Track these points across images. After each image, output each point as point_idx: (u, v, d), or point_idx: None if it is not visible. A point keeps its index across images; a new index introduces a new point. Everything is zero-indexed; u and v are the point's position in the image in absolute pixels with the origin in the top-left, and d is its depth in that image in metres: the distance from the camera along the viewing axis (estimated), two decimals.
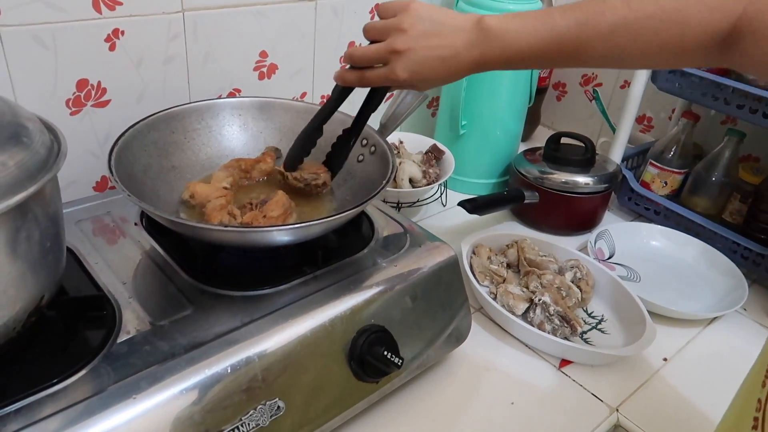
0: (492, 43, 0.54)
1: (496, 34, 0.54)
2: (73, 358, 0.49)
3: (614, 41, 0.51)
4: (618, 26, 0.50)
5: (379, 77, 0.58)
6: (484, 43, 0.55)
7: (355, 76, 0.60)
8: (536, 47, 0.53)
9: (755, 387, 0.36)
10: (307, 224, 0.57)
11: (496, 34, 0.54)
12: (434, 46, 0.55)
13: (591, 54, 0.52)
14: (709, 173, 0.97)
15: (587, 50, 0.52)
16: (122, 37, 0.73)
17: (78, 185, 0.78)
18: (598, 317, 0.81)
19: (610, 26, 0.51)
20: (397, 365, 0.58)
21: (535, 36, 0.53)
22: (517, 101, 1.03)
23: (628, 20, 0.50)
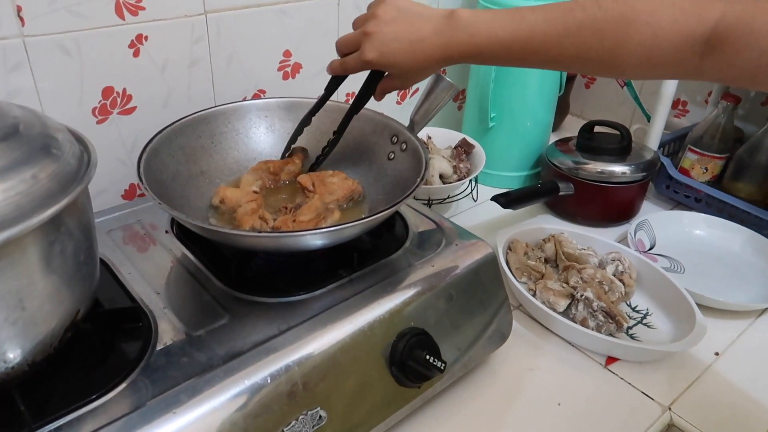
0: (459, 31, 0.55)
1: (465, 23, 0.55)
2: (111, 373, 0.49)
3: (582, 39, 0.50)
4: (586, 24, 0.50)
5: (354, 60, 0.61)
6: (451, 31, 0.56)
7: (338, 63, 0.64)
8: (504, 40, 0.54)
9: None
10: (341, 227, 0.55)
11: (465, 23, 0.55)
12: (402, 30, 0.57)
13: (559, 52, 0.52)
14: (752, 157, 0.93)
15: (555, 47, 0.52)
16: (146, 42, 0.72)
17: (107, 194, 0.77)
18: (643, 311, 0.78)
19: (578, 23, 0.50)
20: (440, 369, 0.56)
21: (503, 28, 0.54)
22: (546, 90, 1.00)
23: (597, 19, 0.49)
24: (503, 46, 0.54)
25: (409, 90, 1.05)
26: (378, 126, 0.74)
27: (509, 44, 0.54)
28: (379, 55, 0.58)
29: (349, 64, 0.62)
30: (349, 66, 0.62)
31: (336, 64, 0.64)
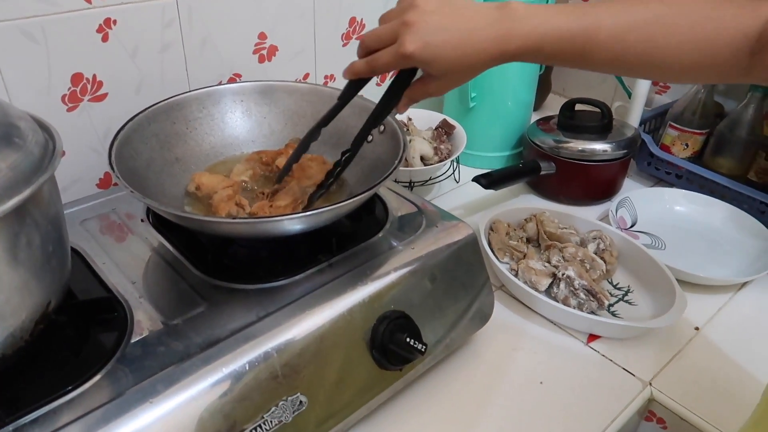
0: (517, 22, 0.49)
1: (522, 14, 0.49)
2: (86, 364, 0.48)
3: (648, 35, 0.48)
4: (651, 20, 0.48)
5: (388, 54, 0.52)
6: (509, 22, 0.49)
7: (364, 62, 0.54)
8: (567, 33, 0.49)
9: None
10: (318, 211, 0.54)
11: (523, 14, 0.49)
12: (450, 20, 0.50)
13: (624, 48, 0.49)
14: (732, 132, 0.93)
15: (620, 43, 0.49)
16: (115, 26, 0.70)
17: (81, 183, 0.75)
18: (624, 288, 0.78)
19: (644, 19, 0.48)
20: (420, 351, 0.56)
21: (566, 21, 0.49)
22: (527, 69, 0.99)
23: (662, 14, 0.47)
24: (567, 40, 0.49)
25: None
26: (356, 109, 0.72)
27: (573, 38, 0.49)
28: (422, 46, 0.49)
29: (381, 61, 0.52)
30: (381, 63, 0.52)
31: (361, 65, 0.54)
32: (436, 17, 0.49)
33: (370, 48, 0.53)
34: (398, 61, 0.51)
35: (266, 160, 0.69)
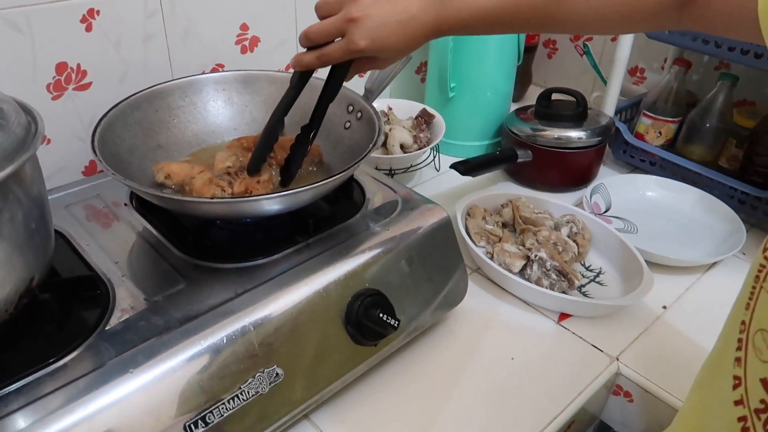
0: (449, 6, 0.55)
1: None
2: (69, 337, 0.50)
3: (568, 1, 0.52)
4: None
5: (339, 50, 0.56)
6: (440, 6, 0.55)
7: (314, 55, 0.57)
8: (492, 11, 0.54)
9: (740, 310, 0.37)
10: (296, 191, 0.56)
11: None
12: (389, 11, 0.54)
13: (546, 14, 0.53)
14: (703, 120, 0.96)
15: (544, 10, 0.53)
16: (98, 17, 0.72)
17: (67, 171, 0.77)
18: (596, 270, 0.81)
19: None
20: (393, 327, 0.58)
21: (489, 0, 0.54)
22: (505, 60, 1.01)
23: None
24: (492, 17, 0.54)
25: None
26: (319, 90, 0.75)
27: (498, 14, 0.54)
28: (370, 41, 0.54)
29: (333, 55, 0.56)
30: (333, 57, 0.57)
31: (311, 58, 0.58)
32: (376, 10, 0.54)
33: (316, 42, 0.57)
34: (350, 54, 0.56)
35: (247, 145, 0.71)
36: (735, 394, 0.36)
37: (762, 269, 0.35)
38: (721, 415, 0.37)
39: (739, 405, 0.35)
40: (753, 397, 0.34)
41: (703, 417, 0.40)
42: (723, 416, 0.37)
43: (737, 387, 0.36)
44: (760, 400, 0.33)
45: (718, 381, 0.38)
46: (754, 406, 0.34)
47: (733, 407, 0.36)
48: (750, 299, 0.36)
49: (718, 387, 0.38)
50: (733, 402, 0.36)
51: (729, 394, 0.36)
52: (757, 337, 0.35)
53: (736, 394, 0.36)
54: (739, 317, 0.37)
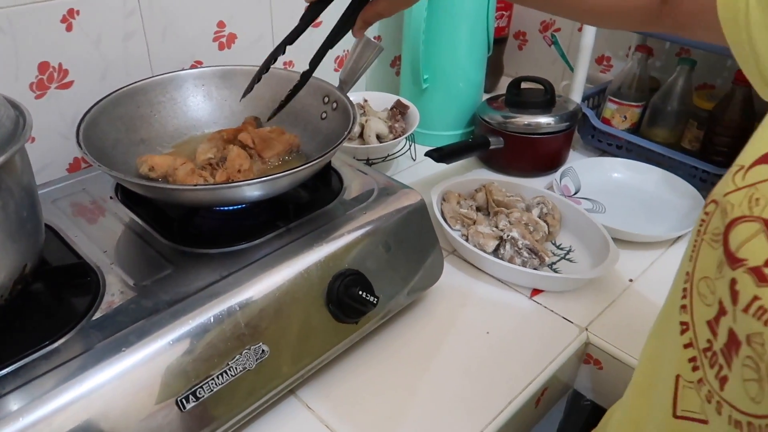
0: None
1: None
2: (61, 322, 0.52)
3: None
4: None
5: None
6: None
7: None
8: None
9: (685, 263, 0.40)
10: (275, 177, 0.59)
11: None
12: None
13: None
14: (665, 104, 1.01)
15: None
16: (78, 16, 0.74)
17: (52, 168, 0.79)
18: (566, 248, 0.85)
19: None
20: (373, 304, 0.61)
21: None
22: (476, 51, 1.05)
23: None
24: None
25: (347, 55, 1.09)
26: (311, 88, 0.77)
27: None
28: None
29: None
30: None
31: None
32: None
33: None
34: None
35: (227, 137, 0.74)
36: (684, 338, 0.39)
37: (702, 223, 0.39)
38: (671, 359, 0.41)
39: (689, 348, 0.39)
40: (701, 338, 0.38)
41: (657, 364, 0.44)
42: (673, 360, 0.40)
43: (685, 332, 0.39)
44: (706, 340, 0.37)
45: (668, 329, 0.42)
46: (702, 346, 0.37)
47: (682, 350, 0.39)
48: (693, 251, 0.40)
49: (669, 334, 0.41)
50: (683, 345, 0.39)
51: (677, 339, 0.40)
52: (701, 285, 0.39)
53: (685, 338, 0.39)
54: (684, 269, 0.40)
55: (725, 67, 1.05)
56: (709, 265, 0.38)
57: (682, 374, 0.40)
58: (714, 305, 0.37)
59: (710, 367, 0.37)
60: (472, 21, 1.01)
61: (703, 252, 0.39)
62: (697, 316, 0.39)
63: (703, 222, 0.39)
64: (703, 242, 0.39)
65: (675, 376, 0.40)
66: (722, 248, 0.36)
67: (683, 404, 0.39)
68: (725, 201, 0.37)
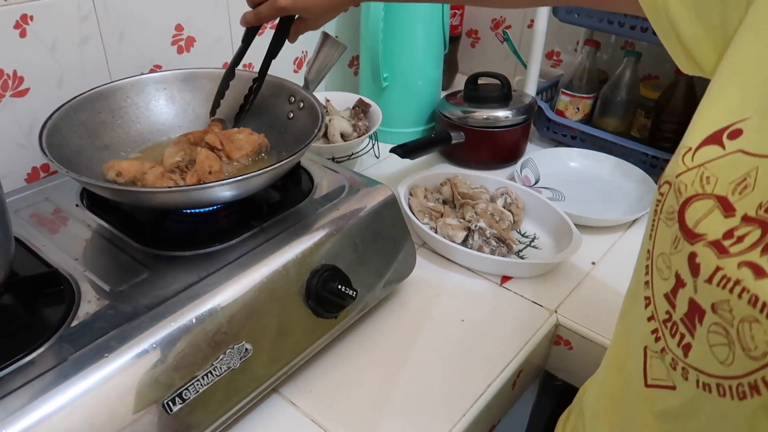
0: None
1: None
2: (36, 333, 0.51)
3: None
4: None
5: (267, 9, 0.66)
6: None
7: (251, 14, 0.68)
8: None
9: (645, 242, 0.43)
10: (247, 176, 0.59)
11: None
12: None
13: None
14: (614, 94, 1.05)
15: None
16: (32, 22, 0.72)
17: (9, 178, 0.77)
18: (531, 236, 0.88)
19: None
20: (352, 297, 0.62)
21: None
22: (432, 49, 1.07)
23: None
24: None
25: (305, 57, 1.09)
26: (275, 88, 0.78)
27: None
28: (292, 1, 0.64)
29: (264, 13, 0.66)
30: (264, 15, 0.66)
31: (250, 16, 0.68)
32: None
33: (253, 2, 0.68)
34: (277, 12, 0.66)
35: (194, 140, 0.73)
36: (647, 312, 0.42)
37: (658, 203, 0.42)
38: (638, 333, 0.43)
39: (651, 320, 0.41)
40: (660, 310, 0.40)
41: (626, 339, 0.47)
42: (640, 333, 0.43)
43: (648, 306, 0.42)
44: (665, 311, 0.40)
45: (634, 306, 0.44)
46: (662, 318, 0.40)
47: (646, 323, 0.42)
48: (651, 230, 0.42)
49: (635, 310, 0.44)
50: (646, 318, 0.42)
51: (642, 313, 0.42)
52: (659, 261, 0.41)
53: (648, 312, 0.42)
54: (645, 248, 0.43)
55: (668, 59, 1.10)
56: (666, 241, 0.40)
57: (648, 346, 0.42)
58: (671, 279, 0.40)
59: (671, 336, 0.40)
60: (428, 20, 1.03)
61: (660, 230, 0.41)
62: (657, 289, 0.41)
63: (658, 202, 0.42)
64: (659, 221, 0.41)
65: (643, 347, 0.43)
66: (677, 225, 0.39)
67: (652, 373, 0.42)
68: (678, 181, 0.40)
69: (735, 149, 0.38)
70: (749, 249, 0.35)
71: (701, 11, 0.47)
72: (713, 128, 0.40)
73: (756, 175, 0.37)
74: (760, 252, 0.35)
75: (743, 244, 0.35)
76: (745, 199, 0.36)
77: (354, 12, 1.15)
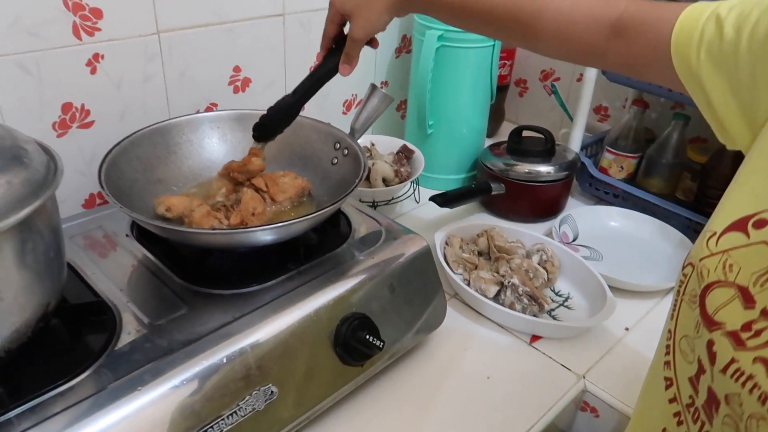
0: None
1: None
2: (79, 359, 0.54)
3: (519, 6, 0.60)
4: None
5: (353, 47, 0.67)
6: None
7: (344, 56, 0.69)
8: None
9: (668, 319, 0.43)
10: (288, 223, 0.62)
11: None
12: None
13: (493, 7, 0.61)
14: (660, 155, 1.04)
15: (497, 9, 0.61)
16: (102, 60, 0.77)
17: (68, 204, 0.81)
18: (564, 295, 0.87)
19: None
20: (378, 347, 0.63)
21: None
22: (479, 99, 1.09)
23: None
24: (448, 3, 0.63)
25: (354, 100, 1.13)
26: (322, 134, 0.81)
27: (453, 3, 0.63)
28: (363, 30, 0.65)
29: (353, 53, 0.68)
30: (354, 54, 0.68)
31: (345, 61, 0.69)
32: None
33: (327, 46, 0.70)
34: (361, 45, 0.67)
35: (236, 167, 0.75)
36: (668, 393, 0.42)
37: (681, 284, 0.42)
38: (659, 413, 0.43)
39: (674, 402, 0.41)
40: (684, 394, 0.40)
41: (646, 417, 0.46)
42: (661, 413, 0.43)
43: (669, 387, 0.42)
44: (689, 396, 0.39)
45: (655, 385, 0.44)
46: (685, 402, 0.40)
47: (667, 405, 0.41)
48: (674, 310, 0.42)
49: (656, 390, 0.44)
50: (668, 400, 0.41)
51: (663, 394, 0.42)
52: (683, 342, 0.41)
53: (670, 393, 0.41)
54: (667, 327, 0.43)
55: None
56: (689, 323, 0.40)
57: (668, 428, 0.42)
58: (694, 363, 0.39)
59: (693, 422, 0.39)
60: (477, 71, 1.05)
61: (683, 311, 0.41)
62: (680, 372, 0.41)
63: (681, 282, 0.42)
64: (682, 302, 0.41)
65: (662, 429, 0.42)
66: (699, 310, 0.39)
67: None
68: (701, 265, 0.40)
69: (760, 240, 0.38)
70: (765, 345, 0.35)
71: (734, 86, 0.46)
72: (739, 214, 0.40)
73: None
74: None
75: (760, 338, 0.35)
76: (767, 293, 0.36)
77: (405, 58, 1.19)
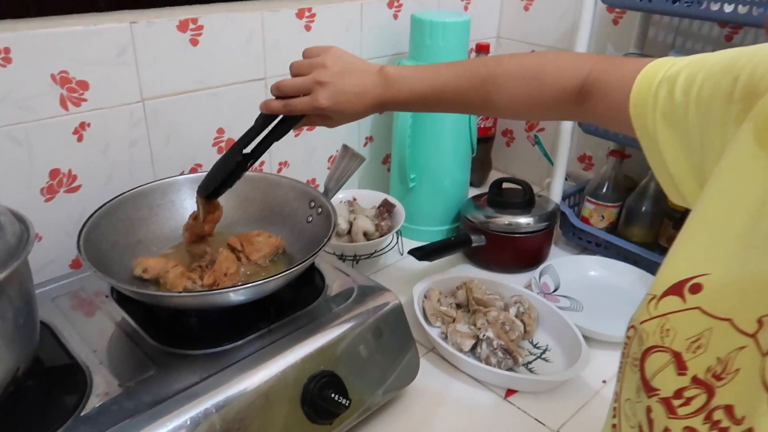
0: (389, 86, 0.69)
1: (394, 79, 0.69)
2: (49, 422, 0.55)
3: (485, 90, 0.65)
4: (488, 80, 0.64)
5: (303, 104, 0.68)
6: (386, 86, 0.69)
7: (281, 104, 0.70)
8: (423, 93, 0.68)
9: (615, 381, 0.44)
10: (257, 283, 0.64)
11: (395, 79, 0.69)
12: (350, 82, 0.68)
13: (467, 100, 0.67)
14: (639, 204, 1.06)
15: (463, 97, 0.67)
16: (89, 128, 0.81)
17: (56, 264, 0.85)
18: (542, 347, 0.87)
19: (482, 79, 0.65)
20: (345, 406, 0.64)
21: (423, 83, 0.68)
22: (460, 152, 1.12)
23: (496, 74, 0.64)
24: (423, 98, 0.69)
25: None
26: (299, 193, 0.84)
27: (427, 96, 0.68)
28: (333, 103, 0.68)
29: (298, 107, 0.68)
30: (297, 108, 0.69)
31: (278, 105, 0.69)
32: (341, 79, 0.68)
33: (286, 94, 0.69)
34: (313, 109, 0.69)
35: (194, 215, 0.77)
36: None
37: (625, 346, 0.43)
38: None
39: None
40: None
41: None
42: None
43: None
44: None
45: None
46: None
47: None
48: (620, 372, 0.43)
49: None
50: None
51: None
52: (626, 405, 0.42)
53: None
54: (614, 389, 0.44)
55: None
56: (631, 387, 0.41)
57: None
58: (635, 428, 0.40)
59: None
60: (455, 125, 1.08)
61: (627, 374, 0.42)
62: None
63: (625, 345, 0.43)
64: (627, 365, 0.42)
65: None
66: (639, 374, 0.40)
67: None
68: (641, 328, 0.41)
69: (694, 305, 0.39)
70: (694, 414, 0.36)
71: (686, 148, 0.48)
72: (677, 278, 0.41)
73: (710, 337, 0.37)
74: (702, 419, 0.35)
75: (690, 407, 0.36)
76: (698, 359, 0.37)
77: (389, 113, 1.23)
